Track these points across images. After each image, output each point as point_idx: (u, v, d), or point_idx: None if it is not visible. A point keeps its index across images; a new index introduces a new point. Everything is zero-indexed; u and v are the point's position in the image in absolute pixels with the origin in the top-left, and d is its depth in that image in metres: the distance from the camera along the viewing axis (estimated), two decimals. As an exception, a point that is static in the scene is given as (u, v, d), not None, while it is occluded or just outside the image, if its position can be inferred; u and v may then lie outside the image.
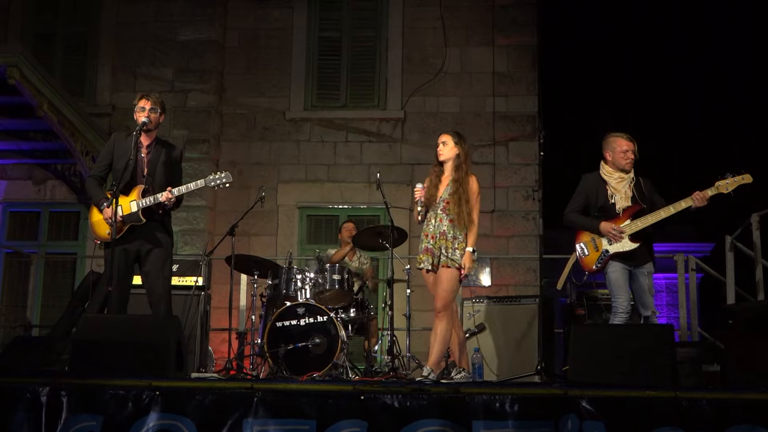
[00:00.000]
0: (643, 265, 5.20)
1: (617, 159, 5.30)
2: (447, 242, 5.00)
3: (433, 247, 5.04)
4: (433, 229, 5.06)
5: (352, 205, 9.35)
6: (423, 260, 5.07)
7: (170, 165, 5.33)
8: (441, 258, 5.00)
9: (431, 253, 5.04)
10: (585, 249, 5.36)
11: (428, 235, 5.07)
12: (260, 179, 9.33)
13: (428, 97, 9.44)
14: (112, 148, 5.27)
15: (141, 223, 5.15)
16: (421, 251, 5.10)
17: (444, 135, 5.20)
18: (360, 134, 9.44)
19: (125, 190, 5.20)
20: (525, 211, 9.11)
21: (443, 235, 5.03)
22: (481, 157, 9.26)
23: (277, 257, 8.61)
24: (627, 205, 5.27)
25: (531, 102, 9.32)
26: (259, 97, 9.56)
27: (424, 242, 5.09)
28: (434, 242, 5.04)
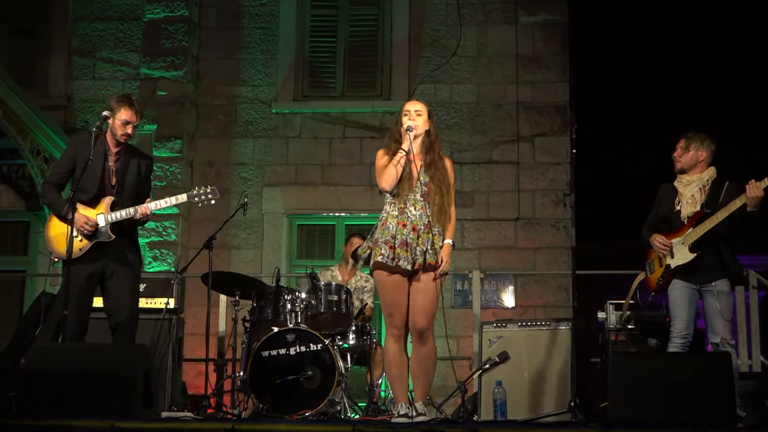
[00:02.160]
0: (712, 282, 5.20)
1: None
2: (434, 237, 4.81)
3: (414, 242, 4.78)
4: (413, 218, 4.81)
5: (351, 212, 9.37)
6: (400, 255, 4.74)
7: (140, 176, 5.40)
8: (426, 257, 4.76)
9: (410, 249, 4.78)
10: (651, 266, 5.47)
11: (405, 225, 4.80)
12: (242, 182, 9.36)
13: (440, 84, 9.46)
14: (75, 152, 5.32)
15: (109, 240, 5.17)
16: (396, 243, 4.75)
17: (418, 103, 5.02)
18: (360, 129, 9.46)
19: (90, 201, 5.24)
20: (555, 219, 9.12)
21: (428, 228, 4.80)
22: (502, 155, 9.28)
23: (262, 274, 8.58)
24: (693, 211, 5.30)
25: (561, 90, 9.34)
26: (240, 86, 9.59)
27: (399, 233, 4.78)
28: (416, 236, 4.78)
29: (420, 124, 4.92)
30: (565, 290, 8.87)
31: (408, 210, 4.84)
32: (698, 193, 5.39)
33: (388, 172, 4.83)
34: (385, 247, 4.78)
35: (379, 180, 4.88)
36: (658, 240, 5.42)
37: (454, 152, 9.19)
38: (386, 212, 4.89)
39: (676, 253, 5.39)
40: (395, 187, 4.85)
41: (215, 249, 6.55)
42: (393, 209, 4.87)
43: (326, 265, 8.26)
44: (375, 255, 4.82)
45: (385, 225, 4.86)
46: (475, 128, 9.36)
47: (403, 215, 4.84)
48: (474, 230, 9.16)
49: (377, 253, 4.81)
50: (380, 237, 4.84)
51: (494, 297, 8.86)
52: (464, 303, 8.83)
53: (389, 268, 4.77)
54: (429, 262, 4.77)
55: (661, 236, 5.44)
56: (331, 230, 9.47)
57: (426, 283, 4.78)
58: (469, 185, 9.24)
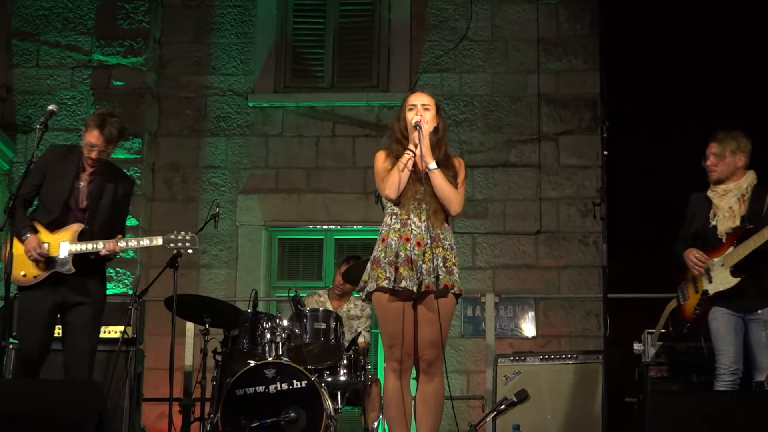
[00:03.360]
0: (758, 310, 5.19)
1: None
2: (446, 252, 4.85)
3: (419, 259, 4.82)
4: (417, 231, 4.83)
5: (342, 224, 9.38)
6: (403, 276, 4.74)
7: (115, 201, 5.52)
8: (439, 278, 4.76)
9: (416, 268, 4.80)
10: (685, 292, 5.45)
11: (409, 239, 4.81)
12: (213, 189, 9.38)
13: (447, 74, 9.50)
14: (46, 165, 5.43)
15: (69, 272, 5.30)
16: (399, 262, 4.76)
17: (424, 95, 5.04)
18: (352, 126, 9.49)
19: (52, 223, 5.34)
20: (583, 233, 9.15)
21: (437, 241, 4.84)
22: (520, 157, 9.30)
23: (236, 298, 8.61)
24: (733, 227, 5.26)
25: (590, 80, 9.37)
26: (211, 76, 9.61)
27: (402, 248, 4.79)
28: (421, 252, 4.81)
29: (429, 120, 4.92)
30: (595, 317, 8.87)
31: (411, 222, 4.85)
32: (737, 205, 5.36)
33: (393, 178, 4.83)
34: (390, 269, 4.78)
35: (381, 187, 4.89)
36: (694, 254, 5.37)
37: (464, 153, 9.19)
38: (387, 225, 4.90)
39: (714, 277, 5.34)
40: (398, 191, 4.86)
41: (181, 268, 6.55)
42: (395, 222, 4.87)
43: (313, 287, 8.25)
44: (379, 279, 4.79)
45: (386, 242, 4.85)
46: (489, 125, 9.39)
47: (405, 228, 4.84)
48: (487, 246, 9.18)
49: (381, 276, 4.79)
50: (382, 256, 4.83)
51: (511, 325, 8.87)
52: (476, 332, 8.85)
53: (391, 293, 4.76)
54: (445, 284, 4.76)
55: (699, 251, 5.41)
56: (318, 246, 9.48)
57: (436, 309, 4.74)
58: (482, 192, 9.26)
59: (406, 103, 5.01)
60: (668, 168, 12.44)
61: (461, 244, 9.02)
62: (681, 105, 13.21)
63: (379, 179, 4.93)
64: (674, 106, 13.05)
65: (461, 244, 9.01)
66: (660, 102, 12.71)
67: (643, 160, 12.19)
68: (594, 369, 6.26)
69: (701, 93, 13.21)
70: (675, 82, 12.96)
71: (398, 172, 4.82)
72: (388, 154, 4.98)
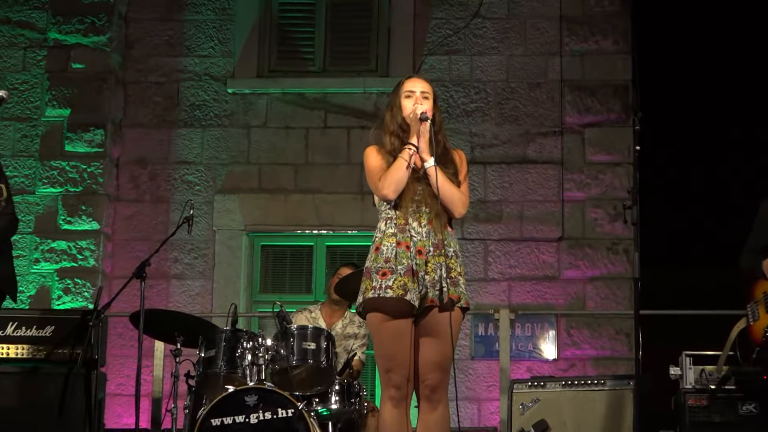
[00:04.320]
0: None
1: None
2: (450, 261, 4.85)
3: (420, 269, 4.80)
4: (417, 237, 4.83)
5: (334, 228, 9.38)
6: (403, 286, 4.72)
7: None
8: (443, 290, 4.77)
9: (417, 279, 4.78)
10: (755, 311, 5.48)
11: (409, 246, 4.80)
12: (187, 188, 9.38)
13: (456, 56, 9.49)
14: None
15: None
16: (398, 271, 4.74)
17: (422, 80, 5.05)
18: (347, 117, 9.48)
19: None
20: (612, 239, 9.13)
21: (440, 249, 4.85)
22: (539, 152, 9.31)
23: (213, 314, 8.60)
24: None
25: (621, 64, 9.36)
26: (185, 57, 9.61)
27: (400, 257, 4.77)
28: (423, 261, 4.80)
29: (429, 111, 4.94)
30: (626, 336, 8.85)
31: (410, 227, 4.84)
32: None
33: (394, 175, 4.82)
34: (377, 277, 4.77)
35: (378, 186, 4.87)
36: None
37: (475, 148, 9.23)
38: (380, 232, 4.89)
39: None
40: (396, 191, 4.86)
41: (149, 279, 6.54)
42: (389, 227, 4.87)
43: (301, 302, 8.25)
44: (366, 290, 4.79)
45: (378, 250, 4.84)
46: (504, 115, 9.38)
47: (404, 234, 4.83)
48: (502, 254, 9.17)
49: (368, 287, 4.78)
50: (372, 265, 4.83)
51: (529, 345, 8.86)
52: (488, 353, 8.83)
53: (387, 306, 4.75)
54: (450, 297, 4.76)
55: None
56: (308, 253, 9.48)
57: (441, 326, 4.74)
58: (496, 193, 9.26)
59: (402, 89, 5.01)
60: (712, 166, 12.42)
61: (472, 252, 9.02)
62: (727, 93, 13.11)
63: (374, 178, 4.90)
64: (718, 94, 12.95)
65: (472, 252, 9.02)
66: (702, 89, 12.63)
67: (682, 156, 12.15)
68: (624, 396, 6.25)
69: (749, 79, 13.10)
70: (719, 67, 12.86)
71: (400, 168, 4.81)
72: (379, 149, 4.98)
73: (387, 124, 5.01)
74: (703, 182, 11.95)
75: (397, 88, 5.06)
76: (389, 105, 5.06)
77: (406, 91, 4.99)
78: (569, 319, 8.96)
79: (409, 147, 4.85)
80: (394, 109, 5.00)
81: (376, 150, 4.97)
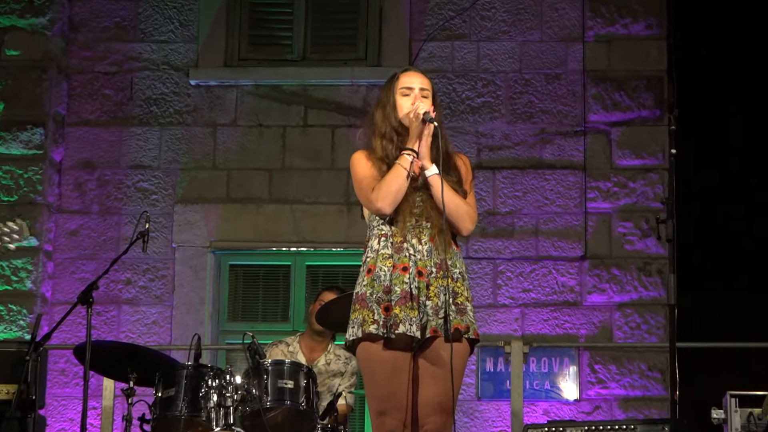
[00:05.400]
0: None
1: None
2: (456, 284, 4.88)
3: (421, 293, 4.81)
4: (417, 256, 4.85)
5: (316, 245, 9.40)
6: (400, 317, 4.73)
7: None
8: (448, 318, 4.78)
9: (418, 305, 4.79)
10: None
11: (407, 268, 4.82)
12: (141, 197, 9.38)
13: (460, 42, 9.51)
14: None
15: None
16: (394, 300, 4.77)
17: (420, 76, 5.06)
18: (331, 113, 9.50)
19: None
20: (643, 258, 9.15)
21: (444, 270, 4.86)
22: (558, 155, 9.34)
23: (172, 346, 8.64)
24: None
25: (655, 52, 9.39)
26: (140, 43, 9.62)
27: (397, 282, 4.80)
28: (425, 284, 4.82)
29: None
30: (660, 373, 8.87)
31: (409, 244, 4.86)
32: None
33: (391, 185, 4.82)
34: (379, 309, 4.78)
35: (371, 198, 4.87)
36: None
37: (483, 151, 9.26)
38: (373, 251, 4.90)
39: None
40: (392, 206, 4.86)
41: (97, 305, 6.55)
42: (384, 245, 4.87)
43: (277, 332, 8.23)
44: (365, 323, 4.79)
45: (373, 273, 4.85)
46: (516, 112, 9.41)
47: (401, 254, 4.84)
48: (514, 276, 9.19)
49: (367, 319, 4.79)
50: (368, 293, 4.83)
51: (546, 384, 8.86)
52: (497, 393, 8.83)
53: (383, 341, 4.76)
54: (454, 326, 4.77)
55: None
56: (285, 274, 9.49)
57: (444, 361, 4.75)
58: (507, 203, 9.28)
59: (397, 85, 5.02)
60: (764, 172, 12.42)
61: (478, 273, 9.03)
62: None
63: (365, 189, 4.91)
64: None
65: (478, 274, 9.03)
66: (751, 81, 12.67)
67: (727, 161, 12.17)
68: (658, 444, 6.25)
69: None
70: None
71: (399, 178, 4.81)
72: (369, 154, 5.00)
73: (378, 125, 5.02)
74: (753, 192, 11.94)
75: (390, 83, 5.06)
76: (380, 102, 5.06)
77: (403, 88, 5.01)
78: (593, 352, 8.97)
79: (408, 153, 4.85)
80: (387, 108, 5.00)
81: (365, 155, 4.99)
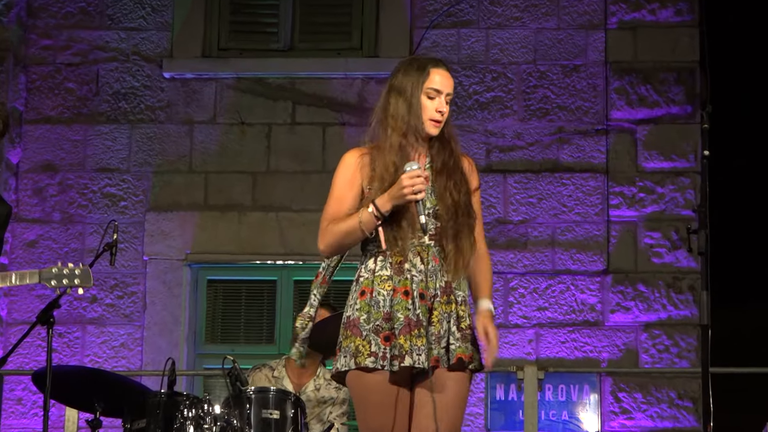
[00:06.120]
0: None
1: None
2: (459, 308, 4.91)
3: (422, 318, 4.83)
4: (419, 278, 4.88)
5: (305, 258, 9.43)
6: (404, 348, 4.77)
7: None
8: (450, 348, 4.83)
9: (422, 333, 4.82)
10: None
11: (408, 292, 4.84)
12: (109, 203, 9.40)
13: (467, 30, 9.55)
14: None
15: None
16: (397, 328, 4.81)
17: (450, 78, 5.05)
18: (322, 109, 9.53)
19: None
20: (672, 273, 9.18)
21: (447, 293, 4.90)
22: (577, 157, 9.37)
23: (143, 371, 8.63)
24: None
25: (686, 41, 9.42)
26: (107, 31, 9.64)
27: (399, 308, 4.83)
28: (426, 308, 4.84)
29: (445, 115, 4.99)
30: (692, 401, 8.87)
31: (411, 264, 4.89)
32: None
33: (344, 239, 4.95)
34: (377, 340, 4.81)
35: (320, 233, 5.05)
36: None
37: (492, 152, 9.29)
38: (368, 271, 4.94)
39: None
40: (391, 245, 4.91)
41: (59, 325, 6.55)
42: (382, 266, 4.91)
43: (261, 356, 8.23)
44: (359, 355, 4.82)
45: (368, 297, 4.88)
46: (530, 108, 9.44)
47: (401, 275, 4.87)
48: (527, 293, 9.21)
49: (363, 350, 4.82)
50: (363, 319, 4.86)
51: (563, 414, 8.86)
52: (509, 425, 8.83)
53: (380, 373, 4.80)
54: (457, 356, 4.81)
55: None
56: (270, 291, 9.52)
57: (446, 391, 4.80)
58: (519, 211, 9.31)
59: (424, 81, 4.97)
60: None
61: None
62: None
63: (326, 213, 5.01)
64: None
65: (487, 290, 9.00)
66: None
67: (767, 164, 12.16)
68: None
69: None
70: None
71: (353, 236, 4.89)
72: (363, 155, 5.01)
73: (386, 121, 4.99)
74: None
75: (416, 74, 4.99)
76: (401, 92, 4.98)
77: (430, 89, 4.97)
78: (617, 378, 8.98)
79: (375, 214, 4.81)
80: (413, 104, 4.94)
81: (357, 157, 4.99)
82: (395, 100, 4.98)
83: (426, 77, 4.97)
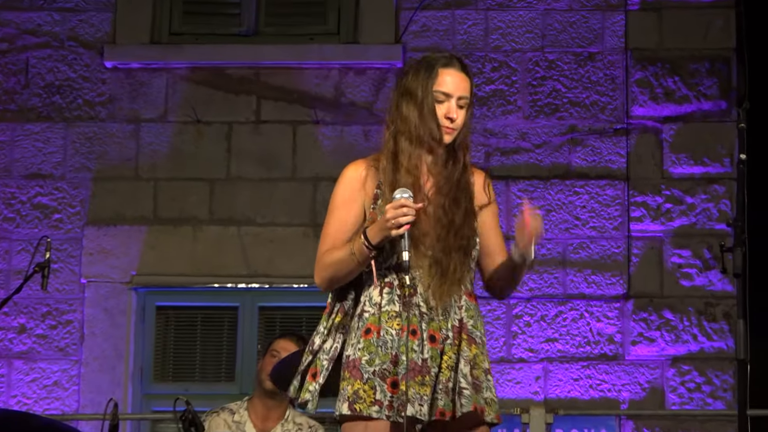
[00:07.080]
0: None
1: None
2: (477, 350, 5.00)
3: (433, 363, 4.91)
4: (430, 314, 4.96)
5: (272, 281, 9.47)
6: (411, 396, 4.83)
7: None
8: (462, 398, 4.88)
9: (431, 381, 4.90)
10: None
11: (416, 332, 4.91)
12: (40, 215, 9.43)
13: (462, 12, 9.60)
14: None
15: None
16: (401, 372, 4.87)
17: (464, 79, 5.06)
18: (293, 105, 9.56)
19: None
20: (704, 298, 9.20)
21: (461, 334, 4.98)
22: (592, 160, 9.42)
23: (80, 415, 8.68)
24: None
25: (720, 24, 9.45)
26: (38, 12, 9.67)
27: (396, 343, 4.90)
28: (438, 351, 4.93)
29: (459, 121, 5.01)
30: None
31: (419, 296, 4.95)
32: None
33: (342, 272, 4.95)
34: (383, 387, 4.86)
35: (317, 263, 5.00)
36: None
37: (493, 154, 9.34)
38: (373, 305, 4.97)
39: None
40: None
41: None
42: (389, 299, 4.95)
43: (219, 396, 8.23)
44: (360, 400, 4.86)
45: (374, 335, 4.92)
46: (537, 105, 9.49)
47: (410, 311, 4.92)
48: (534, 322, 9.25)
49: (366, 398, 4.86)
50: (365, 361, 4.91)
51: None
52: (514, 475, 8.81)
53: (382, 422, 4.87)
54: (473, 407, 4.88)
55: None
56: (230, 319, 9.54)
57: None
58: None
59: (433, 82, 4.99)
60: None
61: (488, 317, 9.04)
62: None
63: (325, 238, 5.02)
64: None
65: (488, 318, 9.04)
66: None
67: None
68: None
69: None
70: None
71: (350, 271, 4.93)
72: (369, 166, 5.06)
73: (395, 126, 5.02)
74: None
75: (425, 74, 5.02)
76: (411, 95, 5.01)
77: (438, 92, 4.99)
78: (640, 422, 9.00)
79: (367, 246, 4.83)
80: (423, 109, 4.96)
81: (360, 170, 5.02)
82: (405, 104, 5.02)
83: (434, 79, 5.01)
